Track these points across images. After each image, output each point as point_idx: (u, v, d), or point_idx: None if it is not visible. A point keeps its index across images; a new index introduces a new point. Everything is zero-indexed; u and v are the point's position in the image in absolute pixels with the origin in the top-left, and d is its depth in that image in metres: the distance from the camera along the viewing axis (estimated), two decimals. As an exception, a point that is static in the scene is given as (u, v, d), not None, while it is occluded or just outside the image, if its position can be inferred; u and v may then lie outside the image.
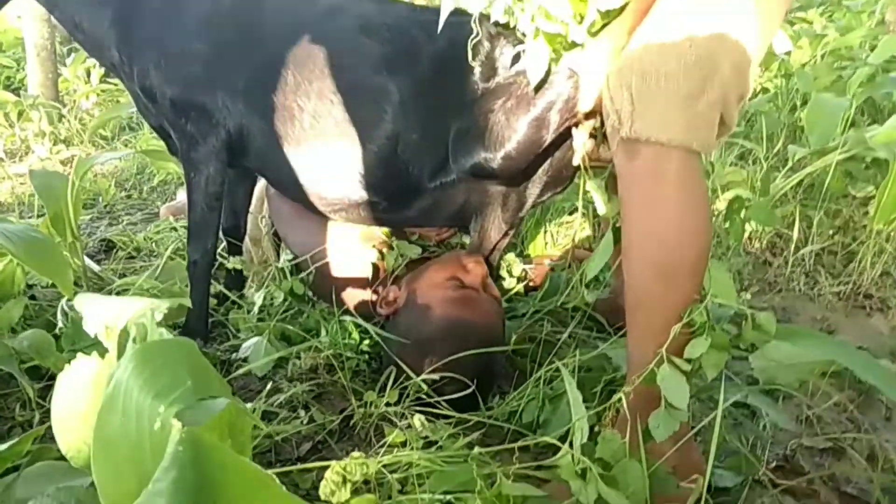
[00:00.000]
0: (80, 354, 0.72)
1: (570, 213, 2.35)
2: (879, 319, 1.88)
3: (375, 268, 1.49)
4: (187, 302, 0.85)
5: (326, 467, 0.92)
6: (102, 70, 4.64)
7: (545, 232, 2.19)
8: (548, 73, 1.17)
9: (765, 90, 3.56)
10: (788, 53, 3.59)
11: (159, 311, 0.74)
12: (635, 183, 1.01)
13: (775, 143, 2.82)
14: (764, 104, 3.19)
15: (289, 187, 1.48)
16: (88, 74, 4.81)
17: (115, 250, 2.25)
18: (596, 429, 1.11)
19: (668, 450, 1.04)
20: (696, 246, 1.01)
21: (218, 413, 0.76)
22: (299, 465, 1.05)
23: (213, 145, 1.42)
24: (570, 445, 1.00)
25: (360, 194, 1.40)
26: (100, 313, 0.73)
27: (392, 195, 1.40)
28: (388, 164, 1.34)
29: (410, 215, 1.43)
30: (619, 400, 1.02)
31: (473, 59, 1.21)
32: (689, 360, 1.02)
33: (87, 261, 1.96)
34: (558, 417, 1.22)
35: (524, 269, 1.74)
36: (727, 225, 1.16)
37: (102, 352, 0.71)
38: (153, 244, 2.26)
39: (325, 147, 1.36)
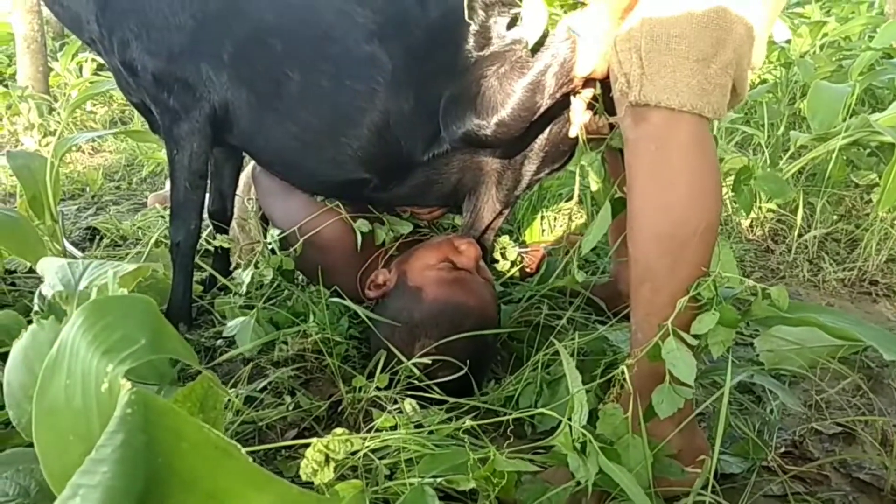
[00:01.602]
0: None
1: (567, 200, 2.30)
2: (886, 305, 1.83)
3: (366, 244, 1.43)
4: (160, 267, 0.79)
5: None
6: (94, 64, 4.58)
7: (542, 218, 2.14)
8: (545, 36, 1.12)
9: (763, 81, 3.51)
10: (788, 42, 3.55)
11: (122, 274, 0.69)
12: (643, 150, 0.96)
13: (776, 131, 2.77)
14: (763, 94, 3.14)
15: (275, 164, 1.42)
16: (80, 69, 4.75)
17: (99, 238, 2.19)
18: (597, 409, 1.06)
19: (670, 432, 0.99)
20: (705, 217, 0.96)
21: (189, 387, 0.70)
22: (279, 444, 0.98)
23: (197, 120, 1.36)
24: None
25: (351, 171, 1.34)
26: (59, 277, 0.67)
27: (383, 172, 1.34)
28: (380, 138, 1.28)
29: (402, 193, 1.37)
30: (622, 374, 0.96)
31: (470, 17, 1.15)
32: (696, 336, 0.97)
33: (69, 246, 1.90)
34: (557, 402, 1.17)
35: (520, 254, 1.68)
36: (733, 197, 1.10)
37: (61, 317, 0.66)
38: (139, 232, 2.20)
39: (313, 121, 1.30)
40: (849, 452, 1.16)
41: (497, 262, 1.55)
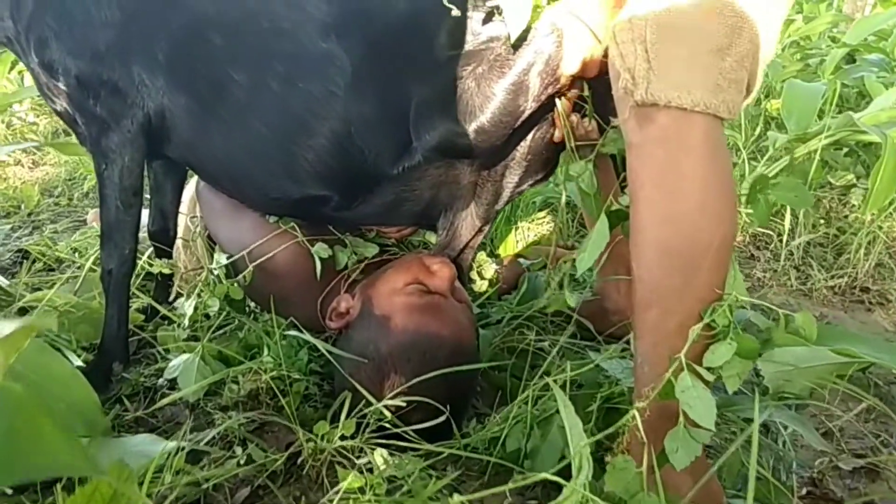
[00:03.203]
0: None
1: (541, 210, 2.17)
2: (881, 314, 1.73)
3: (326, 268, 1.26)
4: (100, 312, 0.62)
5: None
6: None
7: (516, 229, 2.00)
8: (528, 30, 0.98)
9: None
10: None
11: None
12: (649, 156, 0.83)
13: (753, 132, 2.69)
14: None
15: (221, 180, 1.26)
16: (22, 78, 4.48)
17: (32, 261, 1.99)
18: (598, 456, 0.92)
19: (681, 477, 0.86)
20: (720, 230, 0.83)
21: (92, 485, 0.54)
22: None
23: (129, 130, 1.19)
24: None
25: (307, 187, 1.17)
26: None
27: (346, 188, 1.18)
28: (340, 149, 1.12)
29: (367, 212, 1.21)
30: (632, 419, 0.83)
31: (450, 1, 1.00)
32: (709, 369, 0.85)
33: (-6, 274, 1.70)
34: (549, 445, 1.02)
35: (496, 270, 1.54)
36: (748, 208, 0.98)
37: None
38: (76, 254, 2.00)
39: (262, 129, 1.14)
40: (875, 491, 1.04)
41: (473, 281, 1.40)
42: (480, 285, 1.44)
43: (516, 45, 0.98)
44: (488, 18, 1.05)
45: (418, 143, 1.08)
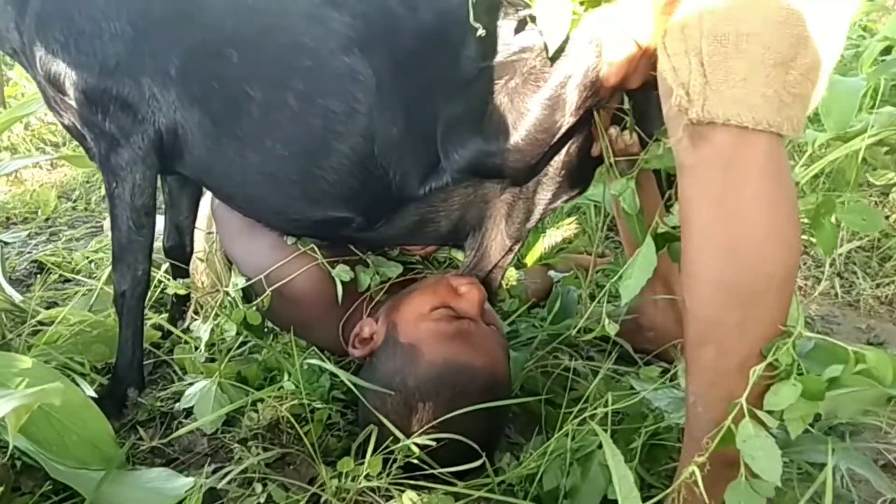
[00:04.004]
0: None
1: (569, 214, 2.09)
2: (932, 328, 1.64)
3: (347, 290, 1.20)
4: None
5: None
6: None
7: (543, 235, 1.92)
8: (566, 40, 0.90)
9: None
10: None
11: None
12: (705, 179, 0.76)
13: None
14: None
15: (237, 200, 1.19)
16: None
17: (48, 272, 1.94)
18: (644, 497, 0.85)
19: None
20: (784, 261, 0.76)
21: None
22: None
23: (140, 147, 1.12)
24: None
25: (327, 209, 1.11)
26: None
27: (368, 209, 1.11)
28: (363, 170, 1.06)
29: (390, 234, 1.14)
30: (690, 476, 0.75)
31: (476, 19, 0.93)
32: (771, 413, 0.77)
33: (8, 287, 1.65)
34: (590, 484, 0.95)
35: (525, 285, 1.47)
36: (810, 232, 0.90)
37: None
38: (92, 265, 1.96)
39: (279, 148, 1.07)
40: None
41: (502, 300, 1.33)
42: (510, 303, 1.37)
43: (553, 58, 0.90)
44: (521, 27, 0.97)
45: (447, 164, 1.00)
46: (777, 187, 0.76)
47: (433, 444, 0.95)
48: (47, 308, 1.62)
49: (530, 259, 1.84)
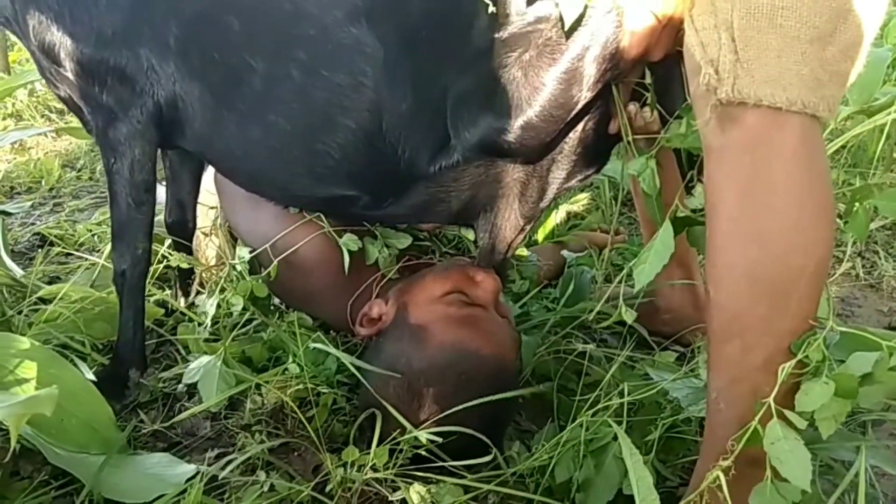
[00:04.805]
0: None
1: (582, 190, 2.03)
2: (958, 311, 1.59)
3: (357, 264, 1.16)
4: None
5: None
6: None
7: (555, 211, 1.87)
8: (584, 12, 0.84)
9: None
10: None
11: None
12: (733, 162, 0.72)
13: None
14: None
15: (239, 175, 1.15)
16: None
17: (49, 244, 1.91)
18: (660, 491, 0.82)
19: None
20: (817, 252, 0.72)
21: None
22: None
23: (138, 120, 1.08)
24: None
25: (333, 186, 1.06)
26: None
27: (375, 187, 1.07)
28: (369, 146, 1.01)
29: (398, 213, 1.09)
30: (715, 481, 0.71)
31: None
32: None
33: (9, 261, 1.62)
34: (603, 477, 0.92)
35: (537, 266, 1.43)
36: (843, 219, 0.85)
37: None
38: (95, 238, 1.92)
39: (282, 123, 1.03)
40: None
41: (513, 281, 1.29)
42: (521, 285, 1.33)
43: (571, 30, 0.85)
44: (535, -2, 0.91)
45: (457, 141, 0.95)
46: (810, 173, 0.71)
47: (439, 439, 0.91)
48: (49, 283, 1.59)
49: (541, 236, 1.80)
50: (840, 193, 0.88)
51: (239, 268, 1.26)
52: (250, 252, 1.27)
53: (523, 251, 1.47)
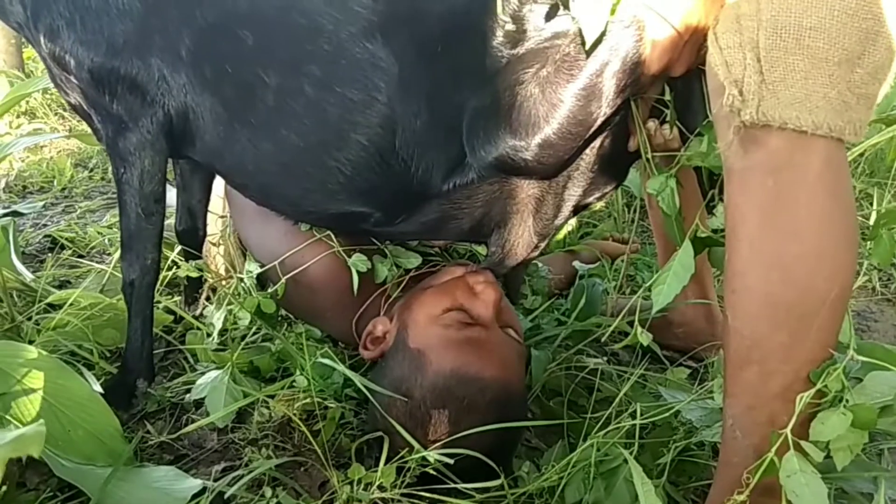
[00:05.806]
0: None
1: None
2: (975, 327, 1.56)
3: (364, 280, 1.15)
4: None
5: None
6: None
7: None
8: (605, 29, 0.83)
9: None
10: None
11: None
12: (755, 186, 0.70)
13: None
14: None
15: (250, 189, 1.14)
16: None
17: (60, 247, 1.91)
18: None
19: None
20: (839, 279, 0.70)
21: None
22: None
23: (148, 130, 1.07)
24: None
25: (344, 203, 1.05)
26: None
27: (388, 205, 1.05)
28: (382, 163, 0.99)
29: (410, 230, 1.08)
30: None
31: (503, 7, 0.86)
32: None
33: (19, 265, 1.62)
34: (614, 500, 0.90)
35: (547, 280, 1.41)
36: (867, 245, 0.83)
37: None
38: (107, 240, 1.92)
39: (295, 138, 1.02)
40: None
41: (525, 296, 1.27)
42: (532, 301, 1.32)
43: (593, 46, 0.83)
44: (553, 12, 0.90)
45: (472, 159, 0.94)
46: (834, 199, 0.69)
47: (447, 459, 0.90)
48: (59, 287, 1.59)
49: (552, 244, 1.78)
50: (861, 213, 0.87)
51: (247, 282, 1.24)
52: (259, 267, 1.25)
53: (536, 269, 1.46)
